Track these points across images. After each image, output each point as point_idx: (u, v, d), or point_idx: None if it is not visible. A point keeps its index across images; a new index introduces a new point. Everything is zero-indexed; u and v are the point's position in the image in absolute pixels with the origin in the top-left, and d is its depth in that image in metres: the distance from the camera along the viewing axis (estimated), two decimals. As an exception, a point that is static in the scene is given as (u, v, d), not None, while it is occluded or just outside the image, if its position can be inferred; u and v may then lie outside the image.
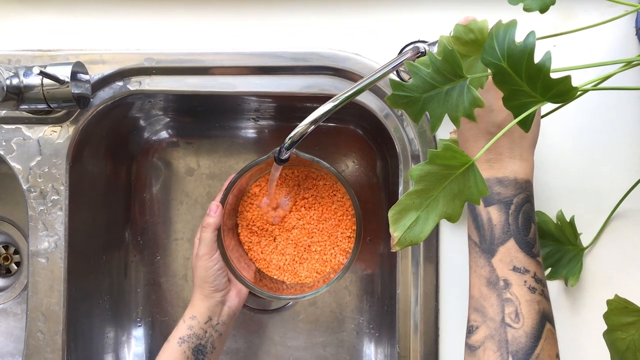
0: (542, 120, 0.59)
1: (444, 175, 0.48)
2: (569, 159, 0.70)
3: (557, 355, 0.54)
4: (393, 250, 0.50)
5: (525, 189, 0.56)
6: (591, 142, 0.70)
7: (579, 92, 0.46)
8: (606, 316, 0.56)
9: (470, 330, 0.55)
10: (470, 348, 0.55)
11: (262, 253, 0.80)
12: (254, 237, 0.81)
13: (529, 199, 0.56)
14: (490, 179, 0.55)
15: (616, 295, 0.55)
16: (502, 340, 0.52)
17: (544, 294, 0.55)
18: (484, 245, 0.55)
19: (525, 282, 0.53)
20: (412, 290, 0.71)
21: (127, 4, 0.75)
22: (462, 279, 0.70)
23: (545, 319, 0.54)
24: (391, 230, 0.50)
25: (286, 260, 0.80)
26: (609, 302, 0.55)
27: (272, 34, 0.75)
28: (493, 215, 0.54)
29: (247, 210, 0.81)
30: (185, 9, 0.75)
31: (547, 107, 0.52)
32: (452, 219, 0.49)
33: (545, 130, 0.68)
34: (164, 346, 0.72)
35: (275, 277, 0.80)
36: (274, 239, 0.80)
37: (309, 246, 0.80)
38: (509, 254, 0.54)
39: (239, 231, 0.81)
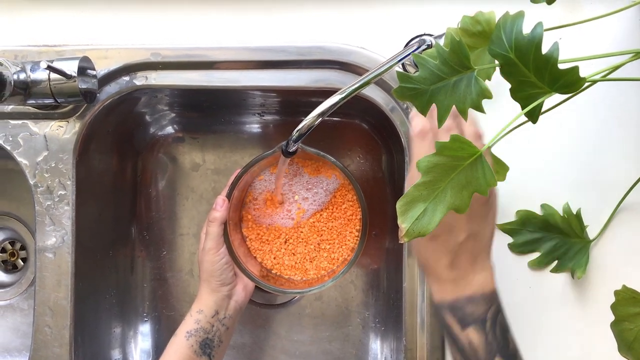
0: (547, 113, 0.59)
1: (451, 167, 0.48)
2: (575, 151, 0.70)
3: None
4: (401, 241, 0.50)
5: (494, 299, 0.56)
6: (597, 134, 0.70)
7: (586, 83, 0.46)
8: (614, 307, 0.56)
9: None
10: None
11: (271, 252, 0.80)
12: (263, 236, 0.81)
13: (499, 309, 0.56)
14: (460, 299, 0.55)
15: (624, 286, 0.55)
16: None
17: None
18: None
19: None
20: (419, 284, 0.71)
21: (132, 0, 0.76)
22: (468, 272, 0.70)
23: None
24: (399, 221, 0.50)
25: (297, 259, 0.80)
26: (616, 293, 0.55)
27: (278, 28, 0.75)
28: (472, 337, 0.54)
29: (253, 208, 0.81)
30: (190, 4, 0.75)
31: (553, 99, 0.52)
32: (460, 210, 0.49)
33: (551, 123, 0.68)
34: (171, 340, 0.73)
35: (286, 276, 0.80)
36: (285, 241, 0.80)
37: (318, 244, 0.80)
38: None
39: (245, 227, 0.81)
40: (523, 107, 0.47)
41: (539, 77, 0.46)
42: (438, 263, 0.56)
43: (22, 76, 0.67)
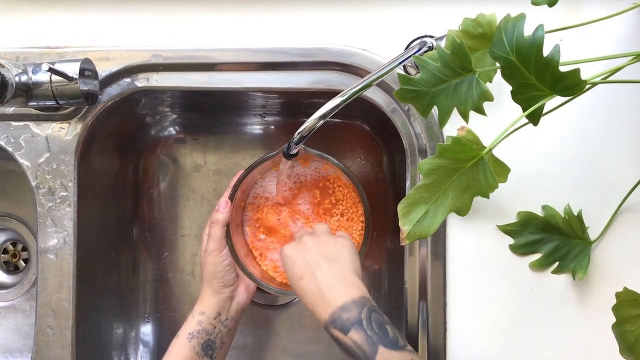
0: (548, 115, 0.59)
1: (453, 169, 0.48)
2: (576, 153, 0.70)
3: None
4: (402, 243, 0.50)
5: (364, 303, 0.60)
6: (598, 136, 0.70)
7: (587, 86, 0.46)
8: (615, 309, 0.56)
9: None
10: None
11: (273, 254, 0.80)
12: (266, 238, 0.81)
13: (372, 308, 0.60)
14: (336, 311, 0.60)
15: (625, 288, 0.55)
16: None
17: None
18: None
19: None
20: (420, 285, 0.71)
21: (134, 1, 0.76)
22: (470, 274, 0.70)
23: None
24: (400, 223, 0.50)
25: None
26: (617, 295, 0.55)
27: (279, 30, 0.75)
28: (355, 337, 0.58)
29: (256, 210, 0.81)
30: (191, 6, 0.75)
31: (554, 102, 0.52)
32: (462, 212, 0.49)
33: (552, 124, 0.68)
34: (173, 341, 0.73)
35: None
36: (287, 242, 0.80)
37: None
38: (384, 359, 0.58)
39: (247, 228, 0.81)
40: (524, 110, 0.47)
41: (540, 79, 0.46)
42: (310, 292, 0.63)
43: (24, 78, 0.67)
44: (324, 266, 0.64)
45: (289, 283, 0.67)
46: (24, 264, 0.98)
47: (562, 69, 0.45)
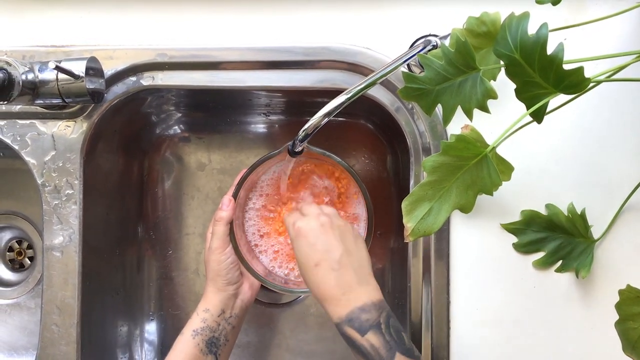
0: (552, 113, 0.59)
1: (457, 167, 0.49)
2: (579, 151, 0.70)
3: None
4: (406, 240, 0.51)
5: (383, 307, 0.60)
6: (601, 135, 0.70)
7: (591, 84, 0.47)
8: (618, 306, 0.56)
9: None
10: None
11: (277, 251, 0.81)
12: (270, 236, 0.81)
13: (389, 313, 0.60)
14: (354, 311, 0.59)
15: (628, 285, 0.55)
16: None
17: None
18: None
19: None
20: (423, 284, 0.72)
21: (139, 0, 0.76)
22: (473, 272, 0.71)
23: None
24: (405, 220, 0.50)
25: None
26: (620, 292, 0.56)
27: (283, 29, 0.75)
28: (373, 340, 0.58)
29: (259, 207, 0.81)
30: (196, 5, 0.76)
31: (558, 100, 0.52)
32: (465, 209, 0.49)
33: (555, 123, 0.68)
34: (177, 339, 0.73)
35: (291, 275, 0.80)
36: (291, 240, 0.80)
37: None
38: None
39: (251, 226, 0.81)
40: (528, 108, 0.48)
41: (544, 77, 0.46)
42: (327, 285, 0.61)
43: (30, 76, 0.67)
44: (345, 260, 0.61)
45: (296, 260, 0.64)
46: (29, 262, 0.98)
47: (566, 67, 0.45)
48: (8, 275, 0.98)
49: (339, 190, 0.81)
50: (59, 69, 0.65)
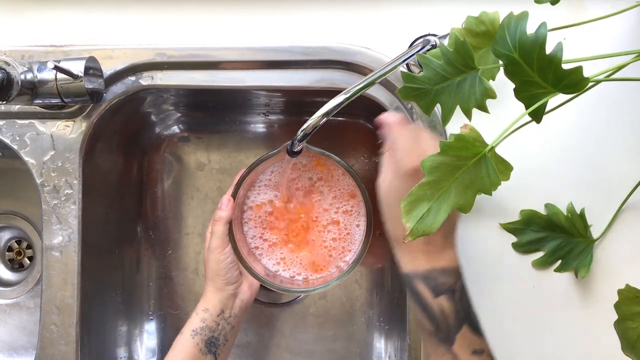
0: (551, 113, 0.59)
1: (456, 166, 0.48)
2: (578, 151, 0.70)
3: None
4: (405, 241, 0.50)
5: (460, 275, 0.59)
6: (601, 134, 0.70)
7: (590, 83, 0.46)
8: (617, 306, 0.56)
9: None
10: None
11: (275, 251, 0.80)
12: (269, 236, 0.81)
13: (463, 284, 0.59)
14: (434, 270, 0.58)
15: (627, 285, 0.55)
16: None
17: None
18: (440, 334, 0.57)
19: None
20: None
21: (138, 0, 0.76)
22: (472, 271, 0.70)
23: None
24: (403, 220, 0.50)
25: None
26: (620, 292, 0.56)
27: (283, 29, 0.75)
28: (444, 305, 0.57)
29: (259, 207, 0.81)
30: (195, 4, 0.76)
31: (557, 99, 0.52)
32: (464, 209, 0.49)
33: (554, 122, 0.68)
34: (176, 338, 0.73)
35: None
36: (290, 240, 0.80)
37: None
38: (466, 340, 0.57)
39: (250, 226, 0.81)
40: (527, 107, 0.48)
41: (543, 77, 0.46)
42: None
43: (29, 76, 0.67)
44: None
45: (386, 196, 0.59)
46: (28, 262, 0.98)
47: (565, 66, 0.45)
48: (7, 275, 0.98)
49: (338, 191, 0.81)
50: (57, 68, 0.65)
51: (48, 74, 0.68)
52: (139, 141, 0.92)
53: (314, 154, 0.74)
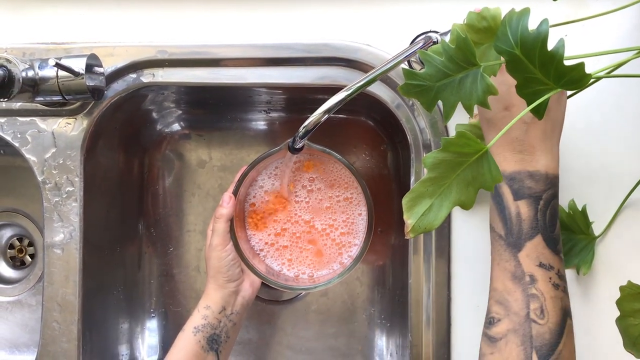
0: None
1: (457, 163, 0.48)
2: (580, 147, 0.70)
3: (575, 350, 0.55)
4: (407, 237, 0.50)
5: (554, 184, 0.56)
6: (602, 131, 0.70)
7: (591, 80, 0.46)
8: (619, 302, 0.56)
9: (491, 322, 0.55)
10: (490, 339, 0.55)
11: (277, 249, 0.80)
12: (270, 233, 0.81)
13: (556, 195, 0.56)
14: (522, 172, 0.55)
15: (629, 282, 0.55)
16: (526, 335, 0.53)
17: (566, 290, 0.55)
18: (510, 239, 0.55)
19: (550, 278, 0.54)
20: (424, 281, 0.72)
21: (139, -3, 0.76)
22: (474, 269, 0.71)
23: (567, 315, 0.54)
24: (405, 217, 0.50)
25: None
26: (621, 289, 0.55)
27: (284, 26, 0.75)
28: (522, 209, 0.54)
29: (260, 204, 0.81)
30: (196, 2, 0.75)
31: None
32: (466, 206, 0.49)
33: (556, 119, 0.68)
34: (178, 335, 0.73)
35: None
36: (291, 237, 0.80)
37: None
38: (536, 250, 0.54)
39: (252, 223, 0.81)
40: (529, 104, 0.47)
41: (545, 73, 0.46)
42: (507, 133, 0.54)
43: (31, 73, 0.67)
44: (547, 122, 0.55)
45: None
46: (30, 259, 0.99)
47: (567, 63, 0.45)
48: (9, 272, 0.98)
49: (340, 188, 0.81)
50: (59, 66, 0.65)
51: (49, 72, 0.68)
52: (140, 138, 0.92)
53: (315, 152, 0.74)
